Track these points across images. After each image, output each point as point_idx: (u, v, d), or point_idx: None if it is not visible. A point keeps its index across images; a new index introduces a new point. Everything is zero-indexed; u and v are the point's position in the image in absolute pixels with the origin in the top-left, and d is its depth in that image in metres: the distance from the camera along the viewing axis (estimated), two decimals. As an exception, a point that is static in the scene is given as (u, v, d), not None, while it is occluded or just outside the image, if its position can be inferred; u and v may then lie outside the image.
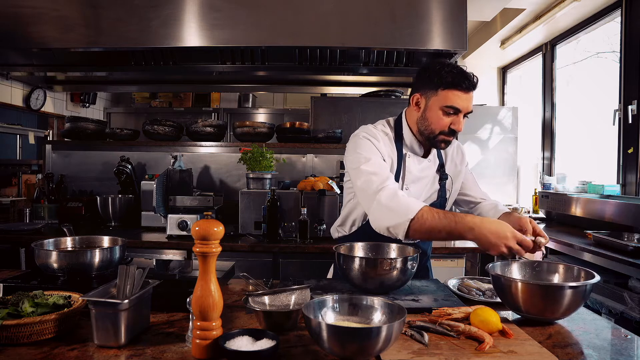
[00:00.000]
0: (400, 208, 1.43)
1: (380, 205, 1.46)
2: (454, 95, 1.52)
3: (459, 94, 1.52)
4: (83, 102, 5.37)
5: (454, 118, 1.54)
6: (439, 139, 1.59)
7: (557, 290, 1.20)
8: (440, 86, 1.53)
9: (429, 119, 1.58)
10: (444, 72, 1.52)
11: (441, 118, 1.55)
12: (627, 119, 3.49)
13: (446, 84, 1.52)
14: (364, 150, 1.59)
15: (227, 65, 3.29)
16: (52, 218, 3.18)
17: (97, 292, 1.11)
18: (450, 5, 2.85)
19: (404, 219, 1.41)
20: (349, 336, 0.95)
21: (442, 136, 1.58)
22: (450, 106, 1.53)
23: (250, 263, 2.64)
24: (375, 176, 1.51)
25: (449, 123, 1.55)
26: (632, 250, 2.44)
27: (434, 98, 1.55)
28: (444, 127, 1.56)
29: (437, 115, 1.55)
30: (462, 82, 1.51)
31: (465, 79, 1.52)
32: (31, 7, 2.90)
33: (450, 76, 1.51)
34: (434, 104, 1.55)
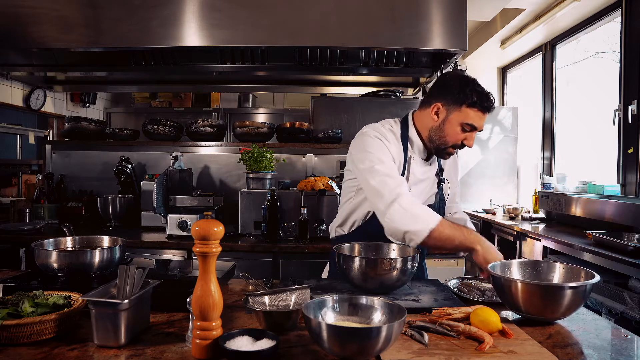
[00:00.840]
0: (423, 215, 1.49)
1: (403, 210, 1.49)
2: (475, 114, 1.57)
3: (479, 114, 1.57)
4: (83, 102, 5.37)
5: (468, 134, 1.60)
6: (449, 151, 1.64)
7: (557, 290, 1.20)
8: (465, 103, 1.56)
9: (446, 131, 1.61)
10: (469, 89, 1.56)
11: (458, 133, 1.59)
12: (627, 119, 3.49)
13: (470, 103, 1.56)
14: (376, 150, 1.60)
15: (227, 65, 3.29)
16: (52, 218, 3.18)
17: (97, 292, 1.11)
18: (450, 5, 2.85)
19: (426, 227, 1.47)
20: (349, 336, 0.95)
21: (451, 149, 1.64)
22: (470, 124, 1.57)
23: (250, 263, 2.64)
24: (390, 179, 1.54)
25: (462, 138, 1.61)
26: (632, 250, 2.44)
27: (456, 113, 1.58)
28: (458, 141, 1.61)
29: (455, 130, 1.59)
30: (485, 103, 1.56)
31: (489, 101, 1.57)
32: (31, 7, 2.90)
33: (476, 96, 1.55)
34: (454, 118, 1.59)
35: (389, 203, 1.51)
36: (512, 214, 4.29)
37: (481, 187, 5.16)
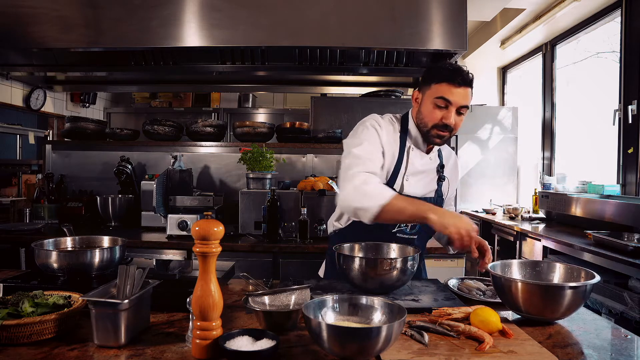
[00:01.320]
0: (373, 192, 1.50)
1: (353, 188, 1.53)
2: (445, 88, 1.56)
3: (450, 87, 1.55)
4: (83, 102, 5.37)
5: (445, 112, 1.58)
6: (433, 133, 1.62)
7: (557, 290, 1.20)
8: (434, 80, 1.59)
9: (423, 112, 1.63)
10: (438, 67, 1.60)
11: (432, 111, 1.59)
12: (627, 119, 3.49)
13: (439, 78, 1.57)
14: (364, 137, 1.64)
15: (227, 65, 3.29)
16: (52, 218, 3.18)
17: (97, 292, 1.11)
18: (450, 5, 2.85)
19: (376, 203, 1.48)
20: (349, 336, 0.95)
21: (435, 130, 1.61)
22: (440, 97, 1.56)
23: (250, 263, 2.64)
24: (360, 160, 1.58)
25: (440, 116, 1.58)
26: (632, 250, 2.44)
27: (428, 92, 1.61)
28: (435, 120, 1.59)
29: (429, 108, 1.60)
30: (454, 76, 1.55)
31: (458, 73, 1.55)
32: (31, 7, 2.90)
33: (444, 71, 1.57)
34: (427, 97, 1.61)
35: (347, 181, 1.56)
36: (512, 214, 4.29)
37: (481, 187, 5.16)
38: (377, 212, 1.48)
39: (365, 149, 1.61)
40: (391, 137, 1.68)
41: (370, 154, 1.61)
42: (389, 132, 1.68)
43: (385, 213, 1.48)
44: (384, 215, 1.48)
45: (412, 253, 1.50)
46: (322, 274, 1.89)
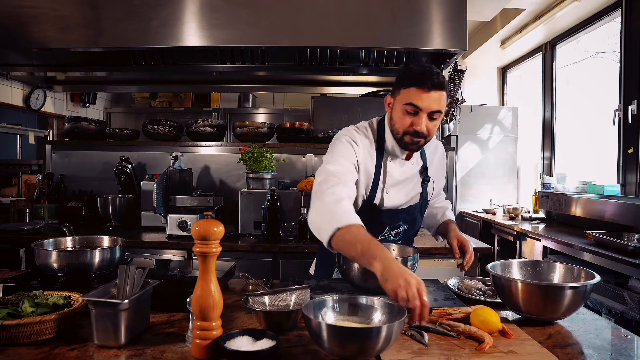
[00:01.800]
0: (336, 214, 1.36)
1: (323, 206, 1.42)
2: (413, 93, 1.46)
3: (418, 92, 1.45)
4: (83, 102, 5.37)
5: (414, 118, 1.49)
6: (405, 140, 1.53)
7: (557, 290, 1.21)
8: (403, 85, 1.49)
9: (394, 119, 1.54)
10: (407, 71, 1.50)
11: (402, 117, 1.50)
12: (627, 119, 3.49)
13: (407, 83, 1.48)
14: (340, 152, 1.57)
15: (227, 65, 3.29)
16: (52, 218, 3.18)
17: (97, 292, 1.11)
18: (450, 5, 2.85)
19: (333, 225, 1.33)
20: (349, 336, 0.95)
21: (407, 137, 1.52)
22: (408, 103, 1.47)
23: (250, 263, 2.64)
24: (334, 177, 1.49)
25: (410, 122, 1.49)
26: (632, 250, 2.44)
27: (398, 97, 1.52)
28: (405, 126, 1.50)
29: (399, 114, 1.51)
30: (421, 80, 1.45)
31: (425, 77, 1.45)
32: (31, 7, 2.90)
33: (412, 74, 1.47)
34: (397, 103, 1.52)
35: (316, 198, 1.46)
36: (512, 214, 4.29)
37: (481, 187, 5.16)
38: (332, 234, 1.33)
39: (339, 165, 1.53)
40: (367, 152, 1.60)
41: (344, 170, 1.53)
42: (364, 147, 1.60)
43: (337, 239, 1.32)
44: (337, 241, 1.32)
45: (412, 253, 1.50)
46: (312, 272, 1.88)
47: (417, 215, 1.72)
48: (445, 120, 3.39)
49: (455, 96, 3.24)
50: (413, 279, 1.14)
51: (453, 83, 3.22)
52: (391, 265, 1.19)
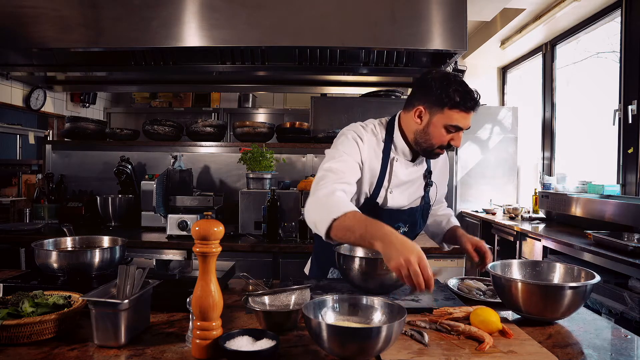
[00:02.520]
0: (332, 206, 1.38)
1: (316, 200, 1.44)
2: (459, 115, 1.50)
3: (463, 114, 1.51)
4: (83, 102, 5.37)
5: (454, 135, 1.54)
6: (437, 151, 1.59)
7: (557, 290, 1.21)
8: (447, 105, 1.50)
9: (431, 134, 1.55)
10: (451, 90, 1.49)
11: (443, 135, 1.54)
12: (627, 119, 3.49)
13: (453, 104, 1.49)
14: (343, 148, 1.58)
15: (227, 65, 3.29)
16: (52, 218, 3.18)
17: (97, 292, 1.11)
18: (450, 5, 2.85)
19: (329, 217, 1.35)
20: (349, 336, 0.95)
21: (439, 150, 1.58)
22: (454, 125, 1.52)
23: (250, 263, 2.64)
24: (332, 174, 1.50)
25: (449, 139, 1.55)
26: (632, 250, 2.44)
27: (439, 115, 1.52)
28: (444, 142, 1.55)
29: (440, 132, 1.54)
30: (468, 103, 1.49)
31: (472, 100, 1.50)
32: (31, 7, 2.90)
33: (459, 96, 1.49)
34: (438, 121, 1.53)
35: (312, 194, 1.47)
36: (512, 214, 4.29)
37: (481, 187, 5.16)
38: (329, 226, 1.34)
39: (340, 162, 1.54)
40: (372, 150, 1.61)
41: (345, 167, 1.53)
42: (370, 145, 1.61)
43: (335, 229, 1.34)
44: (335, 231, 1.34)
45: (412, 253, 1.50)
46: (307, 271, 1.88)
47: (418, 218, 1.72)
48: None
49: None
50: (413, 255, 1.18)
51: (453, 83, 3.21)
52: (392, 241, 1.23)
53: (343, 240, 1.37)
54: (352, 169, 1.55)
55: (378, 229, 1.27)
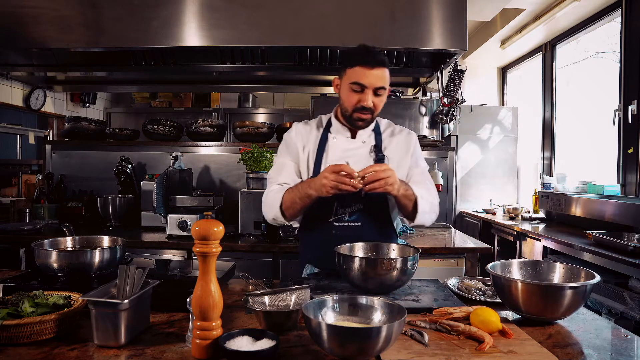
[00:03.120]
0: (273, 201, 1.67)
1: (263, 204, 1.74)
2: (357, 72, 1.58)
3: (363, 70, 1.58)
4: (83, 102, 5.37)
5: (361, 95, 1.61)
6: (354, 116, 1.66)
7: (557, 290, 1.20)
8: (348, 65, 1.61)
9: (342, 97, 1.67)
10: (351, 51, 1.63)
11: (349, 95, 1.62)
12: (627, 119, 3.49)
13: (352, 62, 1.60)
14: (279, 151, 1.82)
15: (227, 65, 3.29)
16: (52, 218, 3.18)
17: (97, 292, 1.11)
18: (450, 5, 2.85)
19: (276, 207, 1.66)
20: (349, 336, 0.95)
21: (356, 114, 1.65)
22: (355, 82, 1.59)
23: (250, 263, 2.64)
24: (269, 179, 1.79)
25: (357, 99, 1.62)
26: (632, 250, 2.44)
27: (344, 77, 1.64)
28: (353, 103, 1.63)
29: (347, 94, 1.63)
30: (366, 58, 1.57)
31: (370, 55, 1.58)
32: (31, 7, 2.90)
33: (356, 53, 1.60)
34: (344, 83, 1.64)
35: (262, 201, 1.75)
36: (512, 214, 4.29)
37: (481, 187, 5.16)
38: (282, 213, 1.66)
39: (275, 166, 1.79)
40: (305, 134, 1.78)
41: (279, 169, 1.76)
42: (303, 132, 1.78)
43: (287, 210, 1.65)
44: (289, 212, 1.65)
45: (412, 253, 1.50)
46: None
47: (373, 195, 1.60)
48: (445, 120, 3.39)
49: (455, 96, 3.24)
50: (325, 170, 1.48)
51: (453, 83, 3.22)
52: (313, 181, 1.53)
53: (296, 212, 1.65)
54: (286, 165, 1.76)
55: (303, 184, 1.59)
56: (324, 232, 1.69)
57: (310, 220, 1.73)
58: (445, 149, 3.46)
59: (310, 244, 1.78)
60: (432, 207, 1.69)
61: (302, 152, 1.75)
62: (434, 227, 3.26)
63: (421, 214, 1.64)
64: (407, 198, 1.61)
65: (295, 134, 1.78)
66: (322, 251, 1.67)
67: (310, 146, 1.75)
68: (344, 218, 1.69)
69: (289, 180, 1.72)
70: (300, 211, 1.65)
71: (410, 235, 2.93)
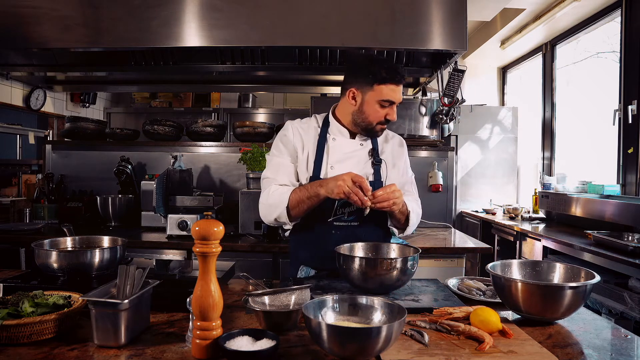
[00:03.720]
0: (279, 201, 1.66)
1: (263, 204, 1.73)
2: (388, 89, 1.64)
3: (392, 87, 1.64)
4: (83, 102, 5.37)
5: (388, 110, 1.67)
6: (377, 128, 1.71)
7: (557, 290, 1.20)
8: (376, 82, 1.63)
9: (366, 112, 1.68)
10: (376, 67, 1.64)
11: (378, 111, 1.67)
12: (627, 119, 3.49)
13: (381, 80, 1.63)
14: (274, 151, 1.80)
15: (227, 65, 3.29)
16: (52, 218, 3.18)
17: (97, 292, 1.11)
18: (450, 6, 2.85)
19: (282, 206, 1.65)
20: (349, 336, 0.95)
21: (379, 126, 1.71)
22: (386, 100, 1.65)
23: (250, 263, 2.64)
24: (266, 180, 1.77)
25: (384, 114, 1.68)
26: (632, 250, 2.44)
27: (370, 93, 1.65)
28: (380, 118, 1.68)
29: (374, 108, 1.67)
30: (394, 76, 1.63)
31: (397, 73, 1.64)
32: (31, 7, 2.90)
33: (385, 72, 1.63)
34: (370, 98, 1.66)
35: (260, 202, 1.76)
36: (512, 214, 4.29)
37: (481, 187, 5.16)
38: (287, 213, 1.65)
39: (271, 167, 1.77)
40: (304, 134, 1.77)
41: (276, 169, 1.75)
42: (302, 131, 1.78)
43: (293, 210, 1.64)
44: (295, 212, 1.64)
45: (412, 253, 1.50)
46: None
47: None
48: (445, 120, 3.39)
49: (455, 96, 3.24)
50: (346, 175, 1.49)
51: (453, 83, 3.22)
52: (327, 181, 1.54)
53: (302, 211, 1.64)
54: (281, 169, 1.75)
55: (314, 183, 1.60)
56: (322, 233, 1.71)
57: (307, 220, 1.72)
58: (445, 149, 3.46)
59: (307, 244, 1.77)
60: (418, 218, 1.80)
61: (302, 153, 1.75)
62: (434, 227, 3.27)
63: (410, 227, 1.75)
64: (402, 213, 1.70)
65: (292, 134, 1.78)
66: (319, 251, 1.70)
67: (309, 146, 1.76)
68: (343, 218, 1.71)
69: (287, 182, 1.73)
70: (305, 211, 1.65)
71: (410, 235, 2.93)
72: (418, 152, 3.42)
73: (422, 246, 2.42)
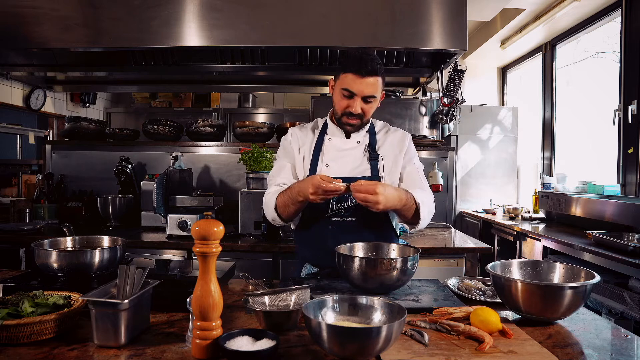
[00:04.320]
0: (269, 203, 1.70)
1: (264, 205, 1.76)
2: (349, 78, 1.60)
3: (354, 77, 1.59)
4: (83, 102, 5.37)
5: (350, 101, 1.63)
6: (343, 120, 1.69)
7: (557, 290, 1.20)
8: (342, 70, 1.63)
9: (334, 101, 1.70)
10: (347, 56, 1.63)
11: (339, 100, 1.66)
12: (627, 119, 3.49)
13: (345, 68, 1.61)
14: (276, 155, 1.86)
15: (227, 65, 3.29)
16: (52, 218, 3.18)
17: (97, 292, 1.11)
18: (450, 5, 2.85)
19: (271, 209, 1.69)
20: (349, 336, 0.95)
21: (344, 118, 1.68)
22: (344, 89, 1.62)
23: (250, 263, 2.64)
24: (268, 181, 1.82)
25: (346, 105, 1.65)
26: (632, 250, 2.44)
27: (338, 81, 1.66)
28: (342, 108, 1.67)
29: (338, 97, 1.67)
30: (357, 66, 1.58)
31: (364, 64, 1.58)
32: (31, 7, 2.90)
33: (351, 61, 1.60)
34: (337, 86, 1.67)
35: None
36: (512, 214, 4.29)
37: (481, 187, 5.17)
38: (278, 214, 1.68)
39: (274, 169, 1.81)
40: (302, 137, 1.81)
41: (278, 170, 1.78)
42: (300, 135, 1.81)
43: (282, 212, 1.67)
44: (284, 214, 1.67)
45: (412, 253, 1.50)
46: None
47: None
48: (445, 120, 3.39)
49: (455, 96, 3.25)
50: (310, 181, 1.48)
51: (453, 83, 3.22)
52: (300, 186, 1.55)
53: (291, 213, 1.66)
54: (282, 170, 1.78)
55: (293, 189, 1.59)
56: (321, 228, 1.71)
57: (306, 217, 1.74)
58: (445, 149, 3.46)
59: (307, 241, 1.79)
60: (430, 210, 1.69)
61: (298, 154, 1.79)
62: (434, 227, 3.27)
63: (423, 221, 1.66)
64: (405, 208, 1.60)
65: (291, 137, 1.82)
66: (319, 248, 1.70)
67: (305, 148, 1.79)
68: (340, 213, 1.71)
69: (286, 181, 1.75)
70: (295, 213, 1.67)
71: (410, 235, 2.93)
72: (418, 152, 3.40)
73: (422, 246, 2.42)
